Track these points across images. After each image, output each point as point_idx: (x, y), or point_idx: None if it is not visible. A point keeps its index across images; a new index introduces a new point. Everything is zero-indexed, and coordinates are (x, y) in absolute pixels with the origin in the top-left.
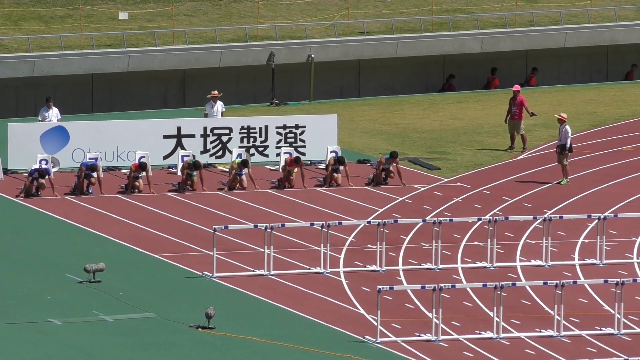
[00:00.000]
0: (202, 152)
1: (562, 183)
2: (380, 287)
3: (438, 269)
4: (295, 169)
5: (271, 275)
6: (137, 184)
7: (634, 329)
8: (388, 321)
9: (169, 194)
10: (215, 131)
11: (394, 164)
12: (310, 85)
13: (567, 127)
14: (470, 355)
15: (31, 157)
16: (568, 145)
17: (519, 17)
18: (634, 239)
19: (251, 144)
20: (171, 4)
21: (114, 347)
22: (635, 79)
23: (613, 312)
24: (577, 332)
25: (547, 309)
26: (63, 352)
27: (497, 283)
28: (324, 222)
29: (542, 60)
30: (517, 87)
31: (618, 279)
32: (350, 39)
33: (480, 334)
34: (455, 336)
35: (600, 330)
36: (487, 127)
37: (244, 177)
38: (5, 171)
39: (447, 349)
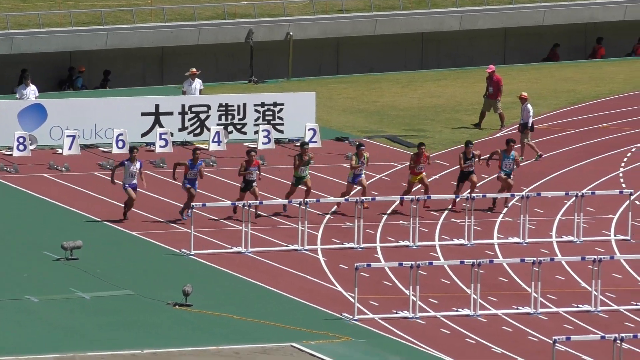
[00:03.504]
0: (180, 130)
1: (538, 159)
2: (357, 264)
3: (415, 246)
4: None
5: (249, 252)
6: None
7: (611, 306)
8: (365, 298)
9: (146, 171)
10: (194, 109)
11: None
12: (288, 63)
13: (529, 105)
14: (447, 332)
15: (9, 134)
16: (530, 124)
17: None
18: (611, 216)
19: (229, 121)
20: None
21: (92, 324)
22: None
23: (590, 289)
24: (554, 309)
25: (524, 286)
26: (40, 330)
27: (474, 260)
28: (301, 200)
29: (521, 38)
30: (491, 68)
31: (595, 256)
32: (329, 17)
33: (457, 311)
34: (433, 313)
35: (578, 307)
36: (466, 105)
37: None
38: None
39: (424, 326)
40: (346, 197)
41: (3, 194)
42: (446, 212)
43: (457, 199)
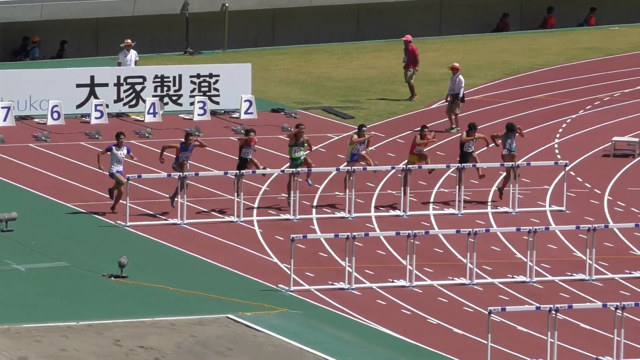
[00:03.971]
0: (115, 101)
1: (452, 131)
2: (293, 235)
3: (351, 217)
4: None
5: (184, 224)
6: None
7: (546, 276)
8: (301, 270)
9: (82, 142)
10: (129, 80)
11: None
12: (224, 34)
13: (461, 76)
14: (383, 303)
15: None
16: (461, 95)
17: None
18: (546, 187)
19: (165, 93)
20: None
21: (27, 296)
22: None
23: (525, 260)
24: (489, 280)
25: (459, 257)
26: None
27: (410, 231)
28: (237, 171)
29: (458, 9)
30: (407, 37)
31: (530, 227)
32: None
33: (393, 282)
34: (369, 284)
35: (513, 278)
36: (401, 77)
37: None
38: None
39: (360, 297)
40: (282, 169)
41: None
42: (382, 183)
43: (393, 169)
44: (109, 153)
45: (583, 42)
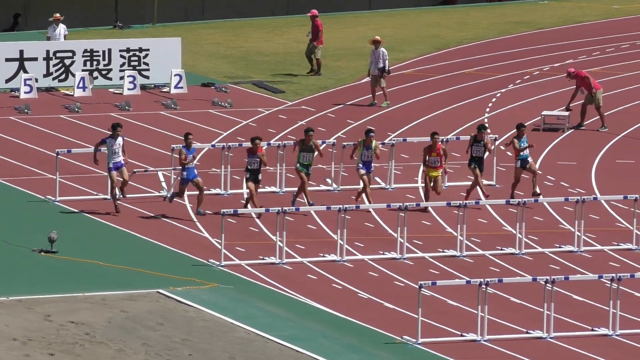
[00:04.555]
0: (44, 76)
1: (383, 105)
2: (224, 210)
3: (282, 192)
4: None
5: (167, 199)
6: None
7: (476, 250)
8: (232, 244)
9: (11, 117)
10: (58, 54)
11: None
12: (154, 8)
13: (383, 49)
14: (314, 277)
15: None
16: (387, 68)
17: None
18: None
19: (94, 67)
20: None
21: None
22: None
23: (456, 234)
24: (420, 254)
25: (390, 231)
26: None
27: (341, 206)
28: (173, 146)
29: None
30: (313, 12)
31: (460, 202)
32: None
33: (324, 256)
34: (299, 259)
35: (443, 252)
36: (332, 51)
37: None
38: None
39: (291, 271)
40: (212, 144)
41: None
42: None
43: (324, 144)
44: (104, 144)
45: (513, 16)
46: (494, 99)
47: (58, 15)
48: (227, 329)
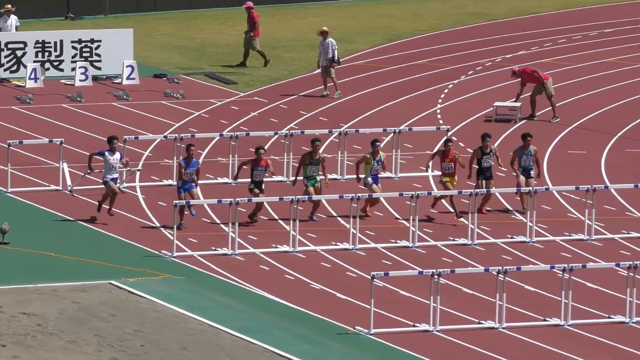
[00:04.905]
0: None
1: (335, 96)
2: (176, 202)
3: (235, 183)
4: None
5: (67, 190)
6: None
7: (429, 241)
8: (184, 235)
9: None
10: (10, 46)
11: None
12: None
13: (332, 39)
14: (267, 268)
15: None
16: (336, 58)
17: None
18: (428, 152)
19: (46, 58)
20: None
21: None
22: None
23: (408, 225)
24: (372, 244)
25: (342, 222)
26: None
27: (293, 197)
28: (125, 137)
29: None
30: (249, 4)
31: (413, 192)
32: None
33: (276, 247)
34: (252, 250)
35: (396, 242)
36: (284, 42)
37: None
38: None
39: (244, 262)
40: (165, 135)
41: None
42: (266, 148)
43: (276, 135)
44: (101, 157)
45: (466, 7)
46: (446, 90)
47: (9, 6)
48: (180, 320)
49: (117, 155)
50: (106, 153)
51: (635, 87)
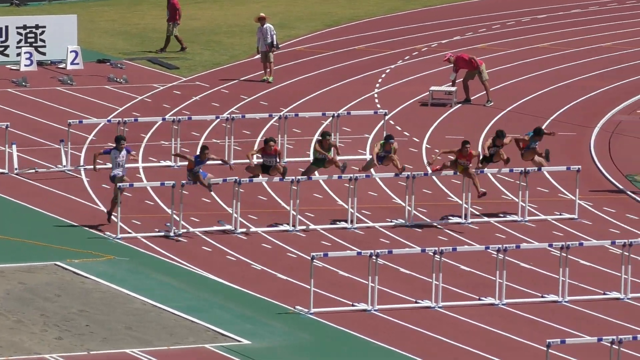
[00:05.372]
0: None
1: (269, 81)
2: (120, 184)
3: (177, 166)
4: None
5: (14, 174)
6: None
7: (367, 222)
8: (128, 217)
9: None
10: None
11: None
12: None
13: (269, 25)
14: (209, 249)
15: None
16: (275, 43)
17: None
18: (366, 135)
19: None
20: None
21: None
22: None
23: (346, 206)
24: (312, 226)
25: (283, 204)
26: None
27: (236, 178)
28: (69, 121)
29: None
30: None
31: (351, 175)
32: None
33: (218, 228)
34: (193, 230)
35: (335, 224)
36: (225, 28)
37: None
38: None
39: (186, 244)
40: (109, 119)
41: None
42: (207, 132)
43: (217, 119)
44: (107, 155)
45: None
46: (383, 75)
47: None
48: (124, 300)
49: (124, 152)
50: (112, 152)
51: (567, 72)
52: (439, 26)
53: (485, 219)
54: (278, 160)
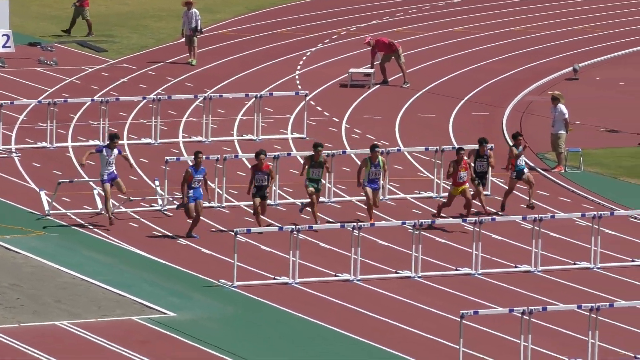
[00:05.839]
0: None
1: (193, 63)
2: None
3: (259, 139)
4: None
5: None
6: None
7: (288, 199)
8: (58, 195)
9: None
10: None
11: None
12: None
13: (195, 10)
14: (136, 225)
15: None
16: (199, 27)
17: None
18: (288, 115)
19: None
20: None
21: None
22: None
23: (268, 185)
24: (235, 202)
25: (209, 183)
26: None
27: (168, 158)
28: (1, 102)
29: None
30: None
31: (275, 154)
32: None
33: (146, 206)
34: (124, 210)
35: None
36: (152, 12)
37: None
38: None
39: (114, 220)
40: (39, 100)
41: None
42: (134, 113)
43: (144, 100)
44: (97, 154)
45: None
46: (304, 58)
47: None
48: (54, 274)
49: (115, 151)
50: (104, 150)
51: (480, 55)
52: (358, 10)
53: (402, 195)
54: (270, 179)
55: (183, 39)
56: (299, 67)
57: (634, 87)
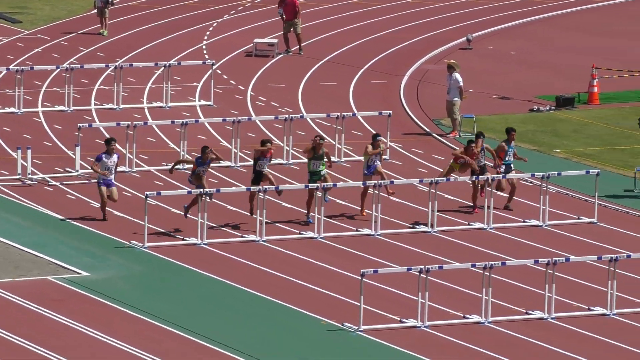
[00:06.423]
0: None
1: (104, 34)
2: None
3: (21, 112)
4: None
5: None
6: None
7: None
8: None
9: None
10: None
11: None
12: None
13: None
14: (50, 190)
15: None
16: (110, 1)
17: None
18: (195, 84)
19: None
20: None
21: None
22: None
23: (178, 149)
24: (146, 167)
25: (120, 148)
26: None
27: (79, 124)
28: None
29: None
30: None
31: (183, 120)
32: None
33: (61, 171)
34: (41, 176)
35: (166, 165)
36: None
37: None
38: None
39: (33, 186)
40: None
41: None
42: (48, 81)
43: (58, 69)
44: (99, 163)
45: None
46: (211, 28)
47: None
48: None
49: (115, 157)
50: (103, 157)
51: (378, 25)
52: None
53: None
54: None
55: (95, 11)
56: (206, 38)
57: (524, 56)
